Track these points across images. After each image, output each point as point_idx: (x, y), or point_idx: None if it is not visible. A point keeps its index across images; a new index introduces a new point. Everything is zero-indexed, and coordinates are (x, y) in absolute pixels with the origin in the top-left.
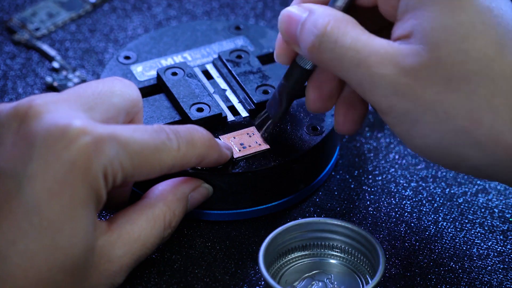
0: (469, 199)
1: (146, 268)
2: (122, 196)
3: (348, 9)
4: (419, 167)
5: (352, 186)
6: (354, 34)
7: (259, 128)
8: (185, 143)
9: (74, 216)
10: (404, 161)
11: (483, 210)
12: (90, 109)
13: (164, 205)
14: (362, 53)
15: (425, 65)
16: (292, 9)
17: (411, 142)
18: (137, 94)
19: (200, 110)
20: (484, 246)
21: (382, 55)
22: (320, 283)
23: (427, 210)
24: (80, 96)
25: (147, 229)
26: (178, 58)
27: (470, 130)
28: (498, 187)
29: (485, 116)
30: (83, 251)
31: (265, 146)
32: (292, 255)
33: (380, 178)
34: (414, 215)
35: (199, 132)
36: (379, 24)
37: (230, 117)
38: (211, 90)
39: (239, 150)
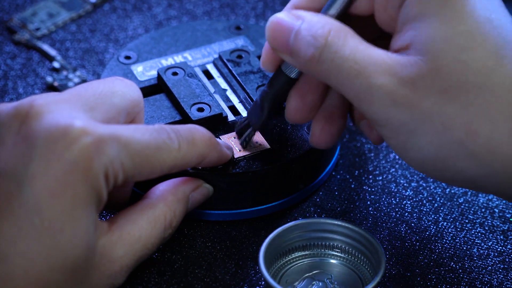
0: (469, 199)
1: (147, 268)
2: (123, 196)
3: (342, 18)
4: None
5: (353, 186)
6: (352, 44)
7: (239, 136)
8: (186, 142)
9: (75, 217)
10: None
11: (483, 210)
12: (91, 109)
13: (164, 205)
14: (361, 64)
15: (423, 75)
16: (282, 16)
17: (407, 154)
18: (138, 94)
19: (200, 110)
20: (485, 246)
21: (381, 65)
22: (321, 283)
23: (428, 210)
24: (81, 96)
25: (147, 230)
26: (178, 58)
27: (466, 142)
28: None
29: (482, 127)
30: (84, 251)
31: (266, 146)
32: (293, 255)
33: (380, 178)
34: (414, 215)
35: (200, 131)
36: (374, 34)
37: (231, 117)
38: (212, 90)
39: (240, 150)
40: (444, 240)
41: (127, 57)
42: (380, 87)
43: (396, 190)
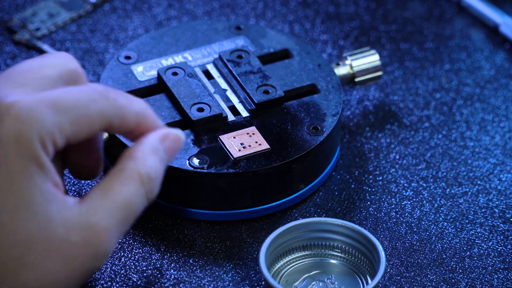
0: (469, 199)
1: (147, 268)
2: (94, 162)
3: None
4: (419, 167)
5: (353, 186)
6: None
7: None
8: (122, 96)
9: (15, 191)
10: (404, 161)
11: (483, 210)
12: (21, 85)
13: (134, 163)
14: None
15: None
16: None
17: None
18: (73, 63)
19: (200, 110)
20: (485, 246)
21: None
22: (321, 283)
23: (428, 210)
24: (9, 75)
25: (122, 190)
26: (178, 58)
27: None
28: (499, 187)
29: None
30: (41, 224)
31: (265, 146)
32: (293, 255)
33: (380, 178)
34: (414, 215)
35: (136, 97)
36: None
37: (231, 117)
38: (212, 90)
39: (239, 150)
40: (444, 240)
41: (127, 57)
42: None
43: (396, 190)
